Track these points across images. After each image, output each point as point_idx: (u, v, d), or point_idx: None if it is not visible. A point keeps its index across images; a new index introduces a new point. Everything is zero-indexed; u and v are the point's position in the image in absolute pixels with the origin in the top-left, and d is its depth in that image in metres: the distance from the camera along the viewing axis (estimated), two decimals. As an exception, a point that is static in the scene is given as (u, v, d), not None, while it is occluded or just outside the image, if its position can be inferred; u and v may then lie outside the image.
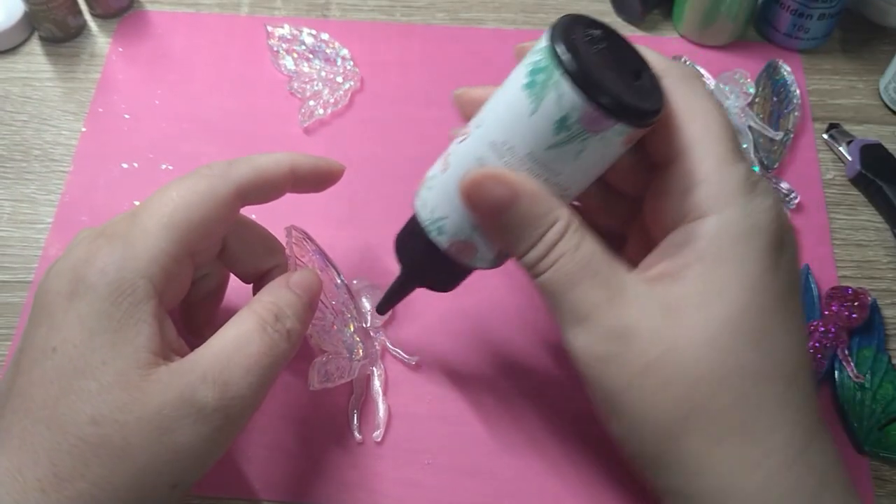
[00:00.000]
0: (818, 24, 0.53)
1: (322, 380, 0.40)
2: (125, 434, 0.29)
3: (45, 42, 0.55)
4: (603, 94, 0.27)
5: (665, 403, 0.29)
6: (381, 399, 0.41)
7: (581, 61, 0.27)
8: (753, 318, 0.28)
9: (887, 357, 0.42)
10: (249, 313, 0.33)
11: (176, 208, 0.32)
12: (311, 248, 0.41)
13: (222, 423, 0.31)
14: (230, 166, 0.34)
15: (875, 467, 0.40)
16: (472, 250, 0.32)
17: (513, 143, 0.29)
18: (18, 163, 0.50)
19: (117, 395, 0.29)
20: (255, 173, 0.35)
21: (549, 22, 0.29)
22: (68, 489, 0.28)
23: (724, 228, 0.29)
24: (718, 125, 0.30)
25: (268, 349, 0.32)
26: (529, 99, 0.28)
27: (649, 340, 0.29)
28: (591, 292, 0.29)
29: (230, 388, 0.31)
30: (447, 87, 0.53)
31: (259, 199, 0.36)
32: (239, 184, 0.34)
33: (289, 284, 0.36)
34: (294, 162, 0.36)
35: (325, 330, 0.41)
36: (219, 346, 0.32)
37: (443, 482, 0.39)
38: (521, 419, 0.41)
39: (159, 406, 0.29)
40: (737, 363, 0.28)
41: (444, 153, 0.33)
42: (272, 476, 0.39)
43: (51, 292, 0.31)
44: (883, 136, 0.51)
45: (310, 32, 0.54)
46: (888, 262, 0.46)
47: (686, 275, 0.29)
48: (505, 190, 0.29)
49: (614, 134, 0.28)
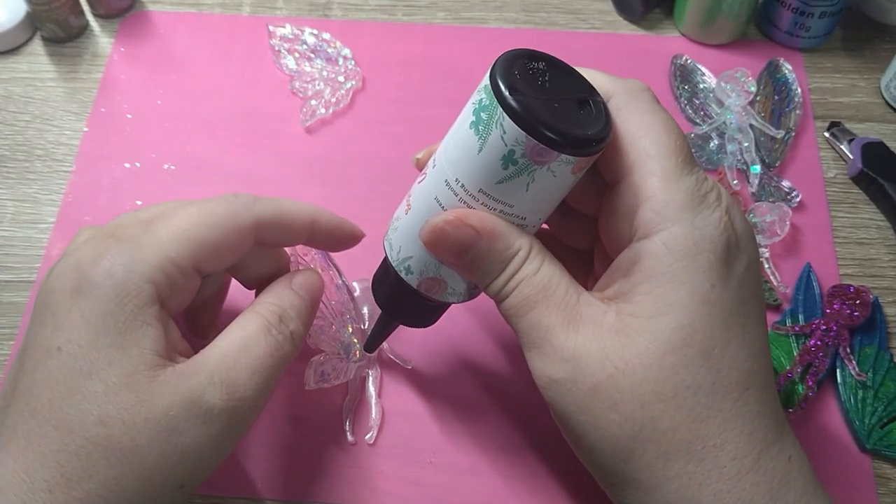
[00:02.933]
0: (819, 23, 0.53)
1: (318, 380, 0.40)
2: (133, 435, 0.29)
3: (48, 42, 0.55)
4: (544, 128, 0.27)
5: (614, 425, 0.29)
6: (375, 401, 0.41)
7: (520, 97, 0.28)
8: (701, 333, 0.28)
9: (889, 355, 0.42)
10: (253, 315, 0.33)
11: (193, 224, 0.32)
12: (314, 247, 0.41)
13: (229, 424, 0.31)
14: (255, 200, 0.34)
15: (877, 465, 0.40)
16: (442, 285, 0.33)
17: (464, 180, 0.30)
18: (21, 163, 0.50)
19: (125, 397, 0.29)
20: (278, 213, 0.35)
21: (550, 21, 0.29)
22: (76, 490, 0.28)
23: (670, 245, 0.29)
24: (666, 140, 0.30)
25: (272, 350, 0.32)
26: (476, 137, 0.29)
27: (598, 362, 0.29)
28: (546, 315, 0.30)
29: (237, 389, 0.31)
30: (448, 86, 0.54)
31: (275, 239, 0.36)
32: (259, 218, 0.34)
33: (292, 286, 0.36)
34: (317, 215, 0.36)
35: (323, 330, 0.41)
36: (224, 348, 0.32)
37: (445, 481, 0.39)
38: (522, 418, 0.41)
39: (167, 407, 0.29)
40: (685, 380, 0.28)
41: (406, 194, 0.33)
42: (273, 475, 0.39)
43: (55, 291, 0.31)
44: (884, 135, 0.51)
45: (311, 32, 0.54)
46: (890, 260, 0.46)
47: (635, 294, 0.29)
48: (462, 232, 0.30)
49: (561, 164, 0.29)
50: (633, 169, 0.30)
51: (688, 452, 0.28)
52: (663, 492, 0.29)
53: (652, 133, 0.30)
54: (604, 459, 0.30)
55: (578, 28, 0.55)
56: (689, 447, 0.28)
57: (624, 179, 0.30)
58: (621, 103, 0.31)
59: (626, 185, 0.30)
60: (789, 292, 0.44)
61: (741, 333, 0.29)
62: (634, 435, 0.29)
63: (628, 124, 0.30)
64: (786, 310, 0.44)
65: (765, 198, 0.47)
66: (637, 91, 0.31)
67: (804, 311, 0.43)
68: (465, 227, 0.30)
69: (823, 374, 0.41)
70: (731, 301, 0.29)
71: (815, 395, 0.41)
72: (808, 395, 0.41)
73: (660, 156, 0.30)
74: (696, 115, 0.51)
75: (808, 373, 0.41)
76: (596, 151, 0.29)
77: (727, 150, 0.49)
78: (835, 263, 0.46)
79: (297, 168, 0.49)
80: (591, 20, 0.56)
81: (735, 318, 0.29)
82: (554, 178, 0.29)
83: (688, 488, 0.28)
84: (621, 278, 0.30)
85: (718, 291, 0.29)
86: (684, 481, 0.28)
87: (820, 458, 0.40)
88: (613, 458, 0.29)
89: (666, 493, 0.29)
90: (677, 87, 0.53)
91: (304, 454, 0.40)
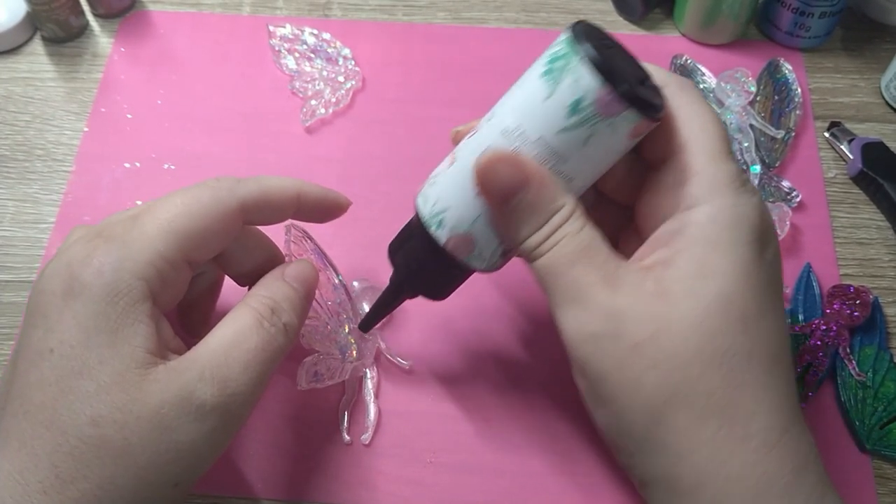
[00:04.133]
0: (819, 23, 0.53)
1: (311, 380, 0.40)
2: (125, 434, 0.29)
3: (48, 42, 0.55)
4: (618, 79, 0.29)
5: (653, 383, 0.29)
6: (372, 401, 0.41)
7: (599, 50, 0.29)
8: (742, 300, 0.29)
9: (889, 355, 0.42)
10: (245, 308, 0.33)
11: (178, 215, 0.32)
12: (310, 246, 0.41)
13: (222, 420, 0.31)
14: (238, 183, 0.35)
15: (877, 465, 0.40)
16: (470, 246, 0.33)
17: (525, 127, 0.30)
18: (21, 163, 0.50)
19: (116, 396, 0.29)
20: (262, 193, 0.35)
21: (550, 21, 0.30)
22: (70, 490, 0.28)
23: (716, 216, 0.30)
24: (713, 128, 0.31)
25: (265, 344, 0.32)
26: (546, 85, 0.30)
27: (640, 321, 0.29)
28: (587, 273, 0.30)
29: (229, 384, 0.31)
30: (448, 86, 0.54)
31: (262, 219, 0.36)
32: (244, 200, 0.34)
33: (284, 277, 0.36)
34: (302, 189, 0.36)
35: (316, 329, 0.41)
36: (216, 343, 0.32)
37: (444, 480, 0.39)
38: (522, 417, 0.41)
39: (158, 405, 0.29)
40: (724, 345, 0.29)
41: (449, 154, 0.33)
42: (273, 475, 0.39)
43: (46, 292, 0.31)
44: (884, 135, 0.51)
45: (311, 32, 0.54)
46: (890, 260, 0.46)
47: (678, 260, 0.30)
48: (516, 173, 0.30)
49: (623, 122, 0.30)
50: (682, 148, 0.31)
51: (721, 417, 0.29)
52: (694, 458, 0.29)
53: (702, 120, 0.32)
54: (633, 423, 0.30)
55: (578, 28, 0.55)
56: (724, 412, 0.29)
57: (672, 157, 0.32)
58: (674, 93, 0.32)
59: (674, 162, 0.31)
60: (789, 292, 0.44)
61: (775, 308, 0.30)
62: (669, 397, 0.29)
63: (679, 111, 0.32)
64: (786, 310, 0.44)
65: (765, 198, 0.47)
66: (687, 85, 0.33)
67: (804, 311, 0.43)
68: (518, 168, 0.30)
69: (823, 375, 0.41)
70: (767, 277, 0.30)
71: (815, 396, 0.41)
72: (808, 395, 0.41)
73: (708, 139, 0.31)
74: (696, 115, 0.51)
75: (807, 373, 0.41)
76: (656, 118, 0.31)
77: (727, 150, 0.49)
78: (835, 263, 0.46)
79: (297, 168, 0.49)
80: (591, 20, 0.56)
81: (769, 293, 0.30)
82: (612, 136, 0.30)
83: (719, 453, 0.28)
84: (662, 247, 0.31)
85: (757, 265, 0.30)
86: (717, 446, 0.29)
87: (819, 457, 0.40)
88: (644, 420, 0.30)
89: (697, 458, 0.29)
90: (677, 87, 0.52)
91: (304, 454, 0.40)
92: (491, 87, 0.53)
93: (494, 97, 0.33)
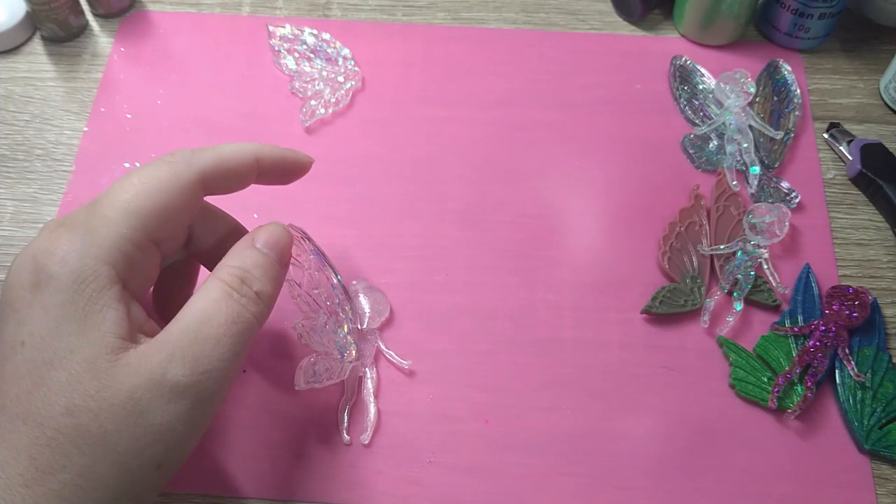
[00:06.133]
0: (819, 24, 0.53)
1: (308, 380, 0.40)
2: (101, 421, 0.29)
3: (47, 42, 0.55)
4: None
5: None
6: (372, 402, 0.41)
7: None
8: None
9: (888, 356, 0.42)
10: (214, 282, 0.33)
11: (137, 195, 0.32)
12: (309, 247, 0.41)
13: (198, 399, 0.30)
14: (193, 154, 0.34)
15: (875, 466, 0.40)
16: None
17: None
18: (21, 162, 0.50)
19: (88, 384, 0.29)
20: (219, 161, 0.34)
21: (550, 21, 0.29)
22: (51, 482, 0.28)
23: None
24: None
25: (235, 316, 0.32)
26: None
27: None
28: None
29: (201, 362, 0.30)
30: (448, 86, 0.54)
31: (223, 187, 0.35)
32: (202, 171, 0.34)
33: (254, 244, 0.35)
34: (259, 152, 0.36)
35: (315, 329, 0.41)
36: (186, 322, 0.31)
37: (444, 480, 0.39)
38: (522, 417, 0.41)
39: (131, 389, 0.29)
40: None
41: None
42: (273, 475, 0.39)
43: (14, 286, 0.31)
44: (883, 136, 0.51)
45: (311, 32, 0.54)
46: (888, 261, 0.46)
47: None
48: None
49: None
50: None
51: None
52: None
53: None
54: None
55: (578, 29, 0.55)
56: None
57: None
58: None
59: None
60: (788, 293, 0.44)
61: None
62: None
63: None
64: (785, 311, 0.44)
65: (764, 199, 0.47)
66: None
67: (803, 311, 0.44)
68: None
69: (822, 375, 0.41)
70: None
71: (814, 396, 0.41)
72: (807, 396, 0.41)
73: None
74: (695, 115, 0.51)
75: (806, 373, 0.41)
76: None
77: (726, 150, 0.49)
78: (834, 264, 0.46)
79: (296, 168, 0.49)
80: (590, 21, 0.56)
81: None
82: None
83: None
84: None
85: None
86: None
87: (819, 458, 0.40)
88: None
89: None
90: (677, 87, 0.53)
91: (304, 454, 0.40)
92: (491, 86, 0.54)
93: (494, 97, 0.33)
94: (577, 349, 0.43)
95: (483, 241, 0.47)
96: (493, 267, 0.46)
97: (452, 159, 0.50)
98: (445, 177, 0.49)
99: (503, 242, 0.47)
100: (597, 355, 0.43)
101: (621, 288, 0.45)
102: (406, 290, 0.45)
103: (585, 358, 0.43)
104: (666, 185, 0.49)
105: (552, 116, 0.51)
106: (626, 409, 0.41)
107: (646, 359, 0.43)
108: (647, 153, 0.50)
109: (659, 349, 0.43)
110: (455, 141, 0.50)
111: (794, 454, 0.40)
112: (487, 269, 0.46)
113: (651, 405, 0.42)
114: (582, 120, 0.51)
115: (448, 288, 0.45)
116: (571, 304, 0.45)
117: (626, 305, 0.44)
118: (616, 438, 0.41)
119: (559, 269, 0.46)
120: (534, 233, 0.47)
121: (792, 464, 0.40)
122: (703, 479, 0.40)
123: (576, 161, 0.50)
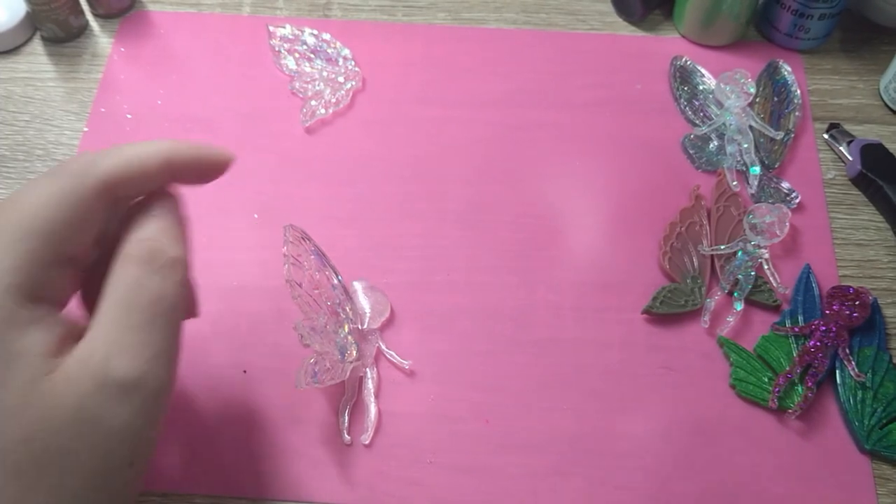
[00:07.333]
0: (819, 24, 0.53)
1: (309, 380, 0.40)
2: (59, 440, 0.28)
3: (48, 42, 0.55)
4: None
5: None
6: (373, 402, 0.41)
7: None
8: None
9: (888, 356, 0.42)
10: (124, 263, 0.31)
11: (38, 210, 0.30)
12: (309, 247, 0.41)
13: (148, 388, 0.29)
14: (95, 160, 0.31)
15: (876, 466, 0.40)
16: None
17: None
18: (21, 163, 0.50)
19: (35, 409, 0.28)
20: (124, 166, 0.31)
21: (550, 21, 0.29)
22: None
23: None
24: None
25: (160, 292, 0.30)
26: None
27: None
28: None
29: (140, 350, 0.29)
30: (448, 87, 0.54)
31: (133, 190, 0.33)
32: (104, 180, 0.31)
33: (150, 212, 0.33)
34: (171, 151, 0.33)
35: (315, 330, 0.41)
36: (110, 315, 0.30)
37: (444, 481, 0.39)
38: (522, 417, 0.41)
39: (79, 400, 0.28)
40: None
41: None
42: (273, 475, 0.39)
43: None
44: (883, 136, 0.51)
45: (311, 32, 0.54)
46: (889, 261, 0.46)
47: None
48: None
49: None
50: None
51: None
52: None
53: None
54: None
55: (578, 29, 0.55)
56: None
57: None
58: None
59: None
60: (789, 293, 0.44)
61: None
62: None
63: None
64: (785, 311, 0.44)
65: (764, 199, 0.48)
66: None
67: (803, 312, 0.44)
68: None
69: (823, 375, 0.41)
70: None
71: (815, 396, 0.41)
72: (808, 396, 0.41)
73: None
74: (695, 116, 0.52)
75: (807, 373, 0.41)
76: None
77: (727, 151, 0.49)
78: (834, 264, 0.46)
79: (297, 168, 0.49)
80: (590, 21, 0.56)
81: None
82: None
83: None
84: None
85: None
86: None
87: (819, 458, 0.40)
88: None
89: None
90: (677, 88, 0.53)
91: (304, 454, 0.40)
92: (491, 87, 0.54)
93: (494, 97, 0.33)
94: (578, 349, 0.43)
95: (483, 241, 0.47)
96: (493, 267, 0.46)
97: (453, 159, 0.50)
98: (446, 177, 0.49)
99: (503, 242, 0.47)
100: (597, 355, 0.43)
101: (622, 288, 0.45)
102: (406, 290, 0.45)
103: (586, 358, 0.43)
104: (666, 186, 0.49)
105: (552, 117, 0.51)
106: (626, 409, 0.41)
107: (646, 359, 0.43)
108: (647, 153, 0.50)
109: (659, 349, 0.43)
110: (455, 141, 0.50)
111: (795, 454, 0.40)
112: (488, 269, 0.46)
113: (651, 405, 0.42)
114: (582, 120, 0.51)
115: (448, 288, 0.45)
116: (572, 304, 0.45)
117: (626, 305, 0.44)
118: (616, 438, 0.41)
119: (560, 269, 0.46)
120: (534, 233, 0.47)
121: (792, 464, 0.40)
122: (704, 479, 0.40)
123: (576, 161, 0.50)
